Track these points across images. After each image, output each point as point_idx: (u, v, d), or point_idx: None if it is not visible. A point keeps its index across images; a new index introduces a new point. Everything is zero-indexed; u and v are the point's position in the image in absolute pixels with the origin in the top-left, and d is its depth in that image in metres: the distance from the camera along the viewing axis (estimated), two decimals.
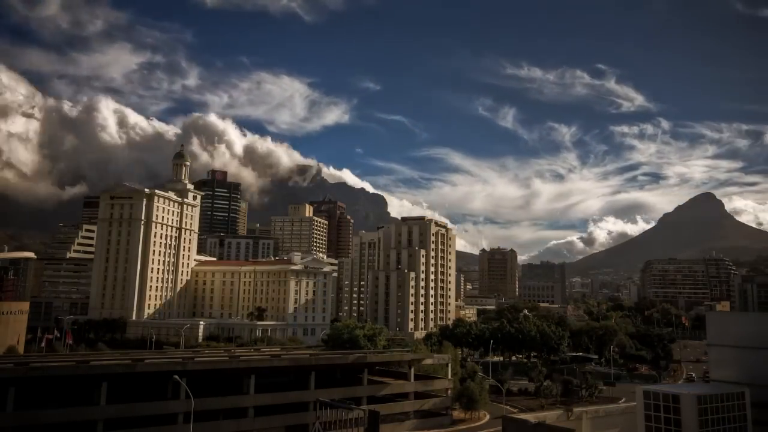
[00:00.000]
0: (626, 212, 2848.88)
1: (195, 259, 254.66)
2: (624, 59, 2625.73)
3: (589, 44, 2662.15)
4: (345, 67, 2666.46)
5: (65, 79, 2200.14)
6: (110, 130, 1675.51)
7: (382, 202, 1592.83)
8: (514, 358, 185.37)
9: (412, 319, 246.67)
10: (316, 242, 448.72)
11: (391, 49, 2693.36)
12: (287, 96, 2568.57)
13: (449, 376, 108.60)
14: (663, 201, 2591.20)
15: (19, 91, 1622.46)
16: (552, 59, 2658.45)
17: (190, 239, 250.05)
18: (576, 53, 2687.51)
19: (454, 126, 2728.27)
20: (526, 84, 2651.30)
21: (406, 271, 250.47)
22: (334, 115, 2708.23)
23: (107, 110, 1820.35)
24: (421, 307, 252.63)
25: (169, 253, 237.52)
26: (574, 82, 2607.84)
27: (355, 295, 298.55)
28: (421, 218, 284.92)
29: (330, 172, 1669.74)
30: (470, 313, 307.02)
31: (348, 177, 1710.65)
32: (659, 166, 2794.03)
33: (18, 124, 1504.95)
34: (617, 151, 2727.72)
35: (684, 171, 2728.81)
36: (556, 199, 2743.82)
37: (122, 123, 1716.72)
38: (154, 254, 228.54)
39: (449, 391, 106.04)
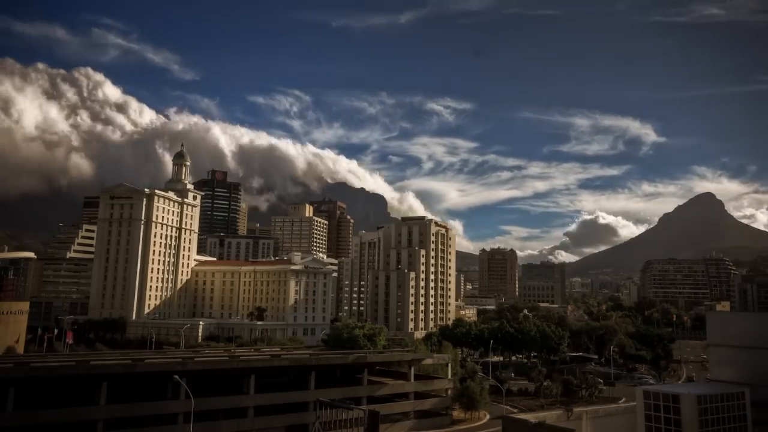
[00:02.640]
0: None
1: (195, 259, 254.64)
2: None
3: None
4: None
5: None
6: None
7: (381, 202, 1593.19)
8: (514, 358, 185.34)
9: (412, 319, 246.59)
10: (316, 242, 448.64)
11: None
12: None
13: (449, 376, 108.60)
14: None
15: None
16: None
17: (190, 239, 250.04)
18: None
19: None
20: None
21: (406, 271, 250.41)
22: None
23: None
24: (421, 307, 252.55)
25: (169, 253, 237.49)
26: None
27: (355, 295, 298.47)
28: (421, 218, 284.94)
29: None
30: (470, 313, 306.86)
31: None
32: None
33: None
34: None
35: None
36: None
37: None
38: (154, 254, 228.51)
39: (449, 391, 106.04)
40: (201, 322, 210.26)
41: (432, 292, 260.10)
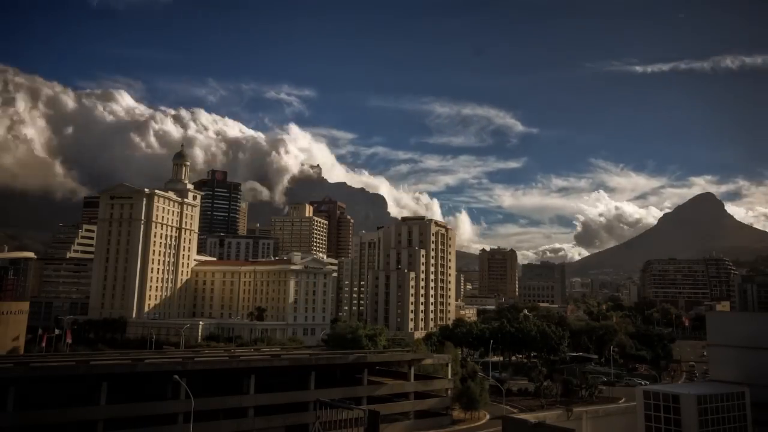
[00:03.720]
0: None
1: (195, 259, 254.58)
2: None
3: None
4: None
5: None
6: None
7: (381, 203, 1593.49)
8: (514, 358, 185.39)
9: (412, 319, 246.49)
10: (316, 242, 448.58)
11: None
12: None
13: (449, 376, 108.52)
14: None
15: None
16: None
17: (190, 239, 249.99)
18: None
19: None
20: None
21: (406, 271, 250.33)
22: None
23: None
24: (421, 307, 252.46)
25: (169, 253, 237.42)
26: None
27: (355, 295, 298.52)
28: (421, 218, 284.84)
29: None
30: (470, 313, 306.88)
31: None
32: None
33: None
34: None
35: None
36: None
37: None
38: (154, 254, 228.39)
39: (449, 391, 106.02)
40: (201, 322, 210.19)
41: (432, 292, 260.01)
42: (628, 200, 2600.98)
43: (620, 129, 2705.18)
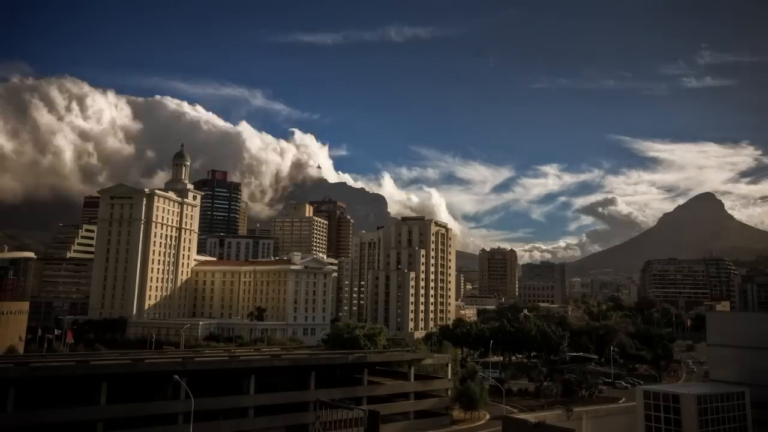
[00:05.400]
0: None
1: (195, 259, 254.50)
2: None
3: None
4: None
5: None
6: None
7: (381, 202, 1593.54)
8: (514, 358, 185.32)
9: (412, 319, 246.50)
10: (316, 242, 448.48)
11: None
12: None
13: (449, 376, 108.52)
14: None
15: None
16: None
17: (190, 239, 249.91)
18: None
19: None
20: None
21: (406, 271, 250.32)
22: None
23: None
24: (421, 307, 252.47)
25: (169, 253, 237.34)
26: None
27: (355, 295, 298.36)
28: (421, 218, 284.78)
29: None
30: (470, 313, 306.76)
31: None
32: None
33: None
34: None
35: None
36: None
37: None
38: (154, 254, 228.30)
39: (449, 391, 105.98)
40: (201, 322, 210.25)
41: (432, 292, 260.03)
42: None
43: None
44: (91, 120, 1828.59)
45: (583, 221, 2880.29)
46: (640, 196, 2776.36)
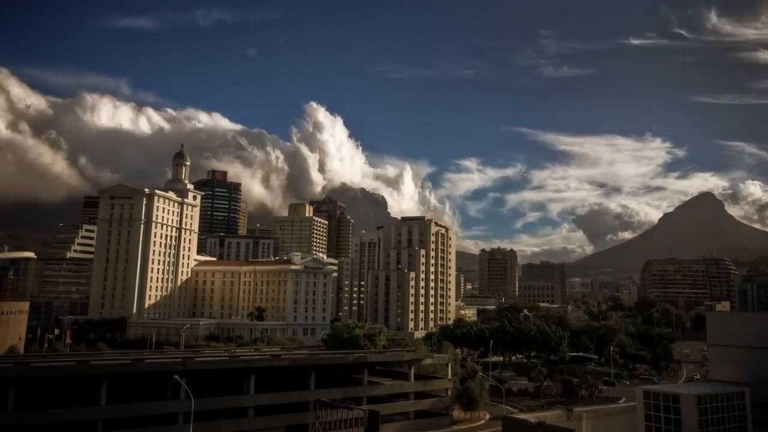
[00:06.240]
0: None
1: (195, 259, 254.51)
2: None
3: None
4: None
5: None
6: None
7: (381, 202, 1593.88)
8: (514, 358, 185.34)
9: (412, 319, 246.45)
10: (316, 242, 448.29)
11: None
12: None
13: (449, 376, 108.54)
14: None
15: None
16: None
17: (190, 239, 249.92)
18: None
19: None
20: None
21: (406, 271, 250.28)
22: None
23: None
24: (421, 307, 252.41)
25: (169, 253, 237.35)
26: None
27: (355, 295, 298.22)
28: (421, 218, 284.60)
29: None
30: (470, 313, 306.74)
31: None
32: None
33: None
34: None
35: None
36: None
37: None
38: (154, 254, 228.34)
39: (449, 391, 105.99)
40: (201, 322, 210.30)
41: (432, 292, 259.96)
42: None
43: None
44: None
45: (529, 218, 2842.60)
46: (573, 192, 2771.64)
